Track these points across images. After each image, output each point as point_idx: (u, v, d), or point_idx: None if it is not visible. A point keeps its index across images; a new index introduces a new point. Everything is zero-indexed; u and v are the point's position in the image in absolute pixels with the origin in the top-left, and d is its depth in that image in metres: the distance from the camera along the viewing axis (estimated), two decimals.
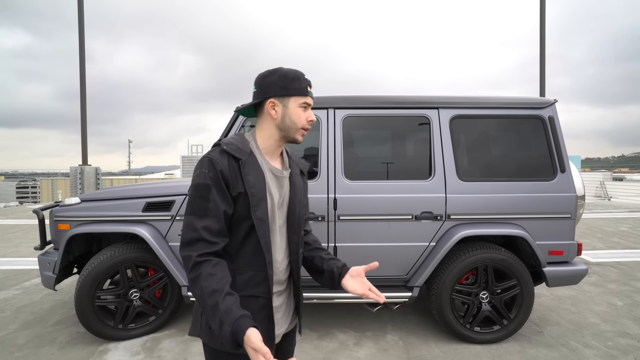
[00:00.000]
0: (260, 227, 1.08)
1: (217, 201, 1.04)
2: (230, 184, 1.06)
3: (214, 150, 1.10)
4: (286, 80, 1.10)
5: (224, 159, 1.06)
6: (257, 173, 1.09)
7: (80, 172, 9.85)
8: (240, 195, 1.07)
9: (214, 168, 1.04)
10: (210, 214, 1.03)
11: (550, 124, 2.78)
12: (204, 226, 1.02)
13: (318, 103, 2.78)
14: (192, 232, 1.02)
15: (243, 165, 1.07)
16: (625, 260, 5.00)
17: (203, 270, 0.99)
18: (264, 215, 1.08)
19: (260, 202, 1.08)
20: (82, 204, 2.90)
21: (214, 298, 0.96)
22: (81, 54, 9.36)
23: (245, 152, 1.09)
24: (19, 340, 2.81)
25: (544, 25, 8.87)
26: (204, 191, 1.03)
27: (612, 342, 2.77)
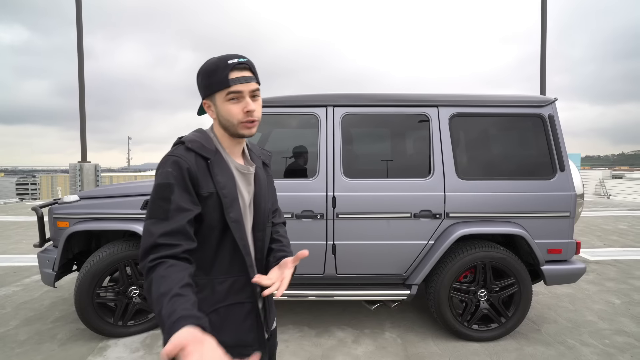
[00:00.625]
0: (237, 230, 1.00)
1: (179, 202, 0.93)
2: (199, 183, 0.97)
3: (177, 148, 1.00)
4: (205, 76, 0.99)
5: (191, 157, 0.97)
6: (226, 172, 1.02)
7: (80, 169, 9.85)
8: (211, 197, 0.98)
9: (179, 167, 0.95)
10: (171, 216, 0.91)
11: (550, 123, 2.78)
12: (164, 231, 0.90)
13: (317, 101, 2.78)
14: (150, 239, 0.89)
15: (212, 165, 0.99)
16: (624, 258, 5.01)
17: (154, 275, 0.85)
18: (238, 216, 1.01)
19: (233, 202, 1.01)
20: (80, 202, 2.90)
21: (159, 304, 0.80)
22: (79, 51, 9.32)
23: (211, 150, 1.01)
24: (20, 337, 2.83)
25: (545, 23, 8.83)
26: (165, 191, 0.93)
27: (609, 340, 2.79)
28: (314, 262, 2.73)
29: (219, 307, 1.00)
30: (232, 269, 1.02)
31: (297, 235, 2.66)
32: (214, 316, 0.99)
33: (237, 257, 1.02)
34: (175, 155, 0.97)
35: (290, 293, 2.71)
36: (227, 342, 0.97)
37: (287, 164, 2.88)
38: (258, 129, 2.98)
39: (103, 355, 2.57)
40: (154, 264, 0.87)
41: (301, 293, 2.73)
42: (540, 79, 9.00)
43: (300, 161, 2.89)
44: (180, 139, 1.03)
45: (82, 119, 9.61)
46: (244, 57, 1.00)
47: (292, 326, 3.02)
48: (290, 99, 2.79)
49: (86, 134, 9.92)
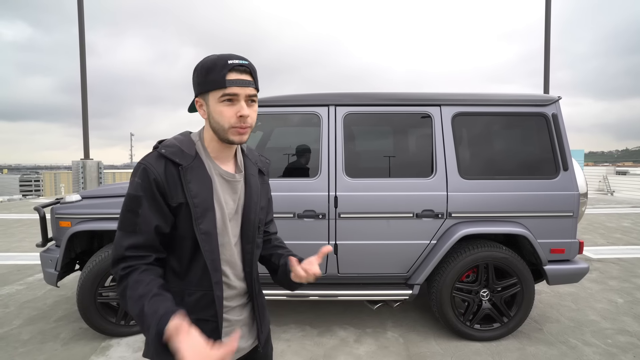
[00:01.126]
0: (206, 243, 0.95)
1: (148, 216, 0.91)
2: (167, 193, 0.92)
3: (149, 155, 0.96)
4: (202, 73, 0.93)
5: (160, 165, 0.93)
6: (202, 179, 0.96)
7: (83, 166, 9.88)
8: (182, 206, 0.94)
9: (147, 177, 0.91)
10: (139, 230, 0.91)
11: (554, 122, 2.75)
12: (131, 244, 0.90)
13: (319, 100, 2.76)
14: (119, 250, 0.91)
15: (184, 172, 0.93)
16: (627, 256, 4.99)
17: (129, 280, 0.88)
18: (210, 228, 0.95)
19: (206, 213, 0.95)
20: (83, 201, 2.90)
21: (139, 305, 0.84)
22: (82, 48, 9.31)
23: (188, 155, 0.95)
24: (23, 336, 2.84)
25: (549, 20, 8.74)
26: (133, 203, 0.91)
27: (611, 339, 2.78)
28: None
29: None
30: (203, 283, 0.97)
31: (298, 235, 2.66)
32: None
33: (209, 271, 0.97)
34: (144, 163, 0.93)
35: (292, 293, 2.71)
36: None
37: (288, 164, 2.87)
38: (260, 128, 2.98)
39: (106, 355, 2.58)
40: (126, 271, 0.89)
41: (303, 293, 2.73)
42: (544, 77, 8.93)
43: (302, 161, 2.88)
44: (158, 143, 0.99)
45: (85, 117, 9.63)
46: (246, 59, 0.94)
47: (294, 325, 3.03)
48: (292, 98, 2.77)
49: (89, 132, 9.94)
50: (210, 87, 0.92)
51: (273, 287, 2.68)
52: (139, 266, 0.90)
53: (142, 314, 0.83)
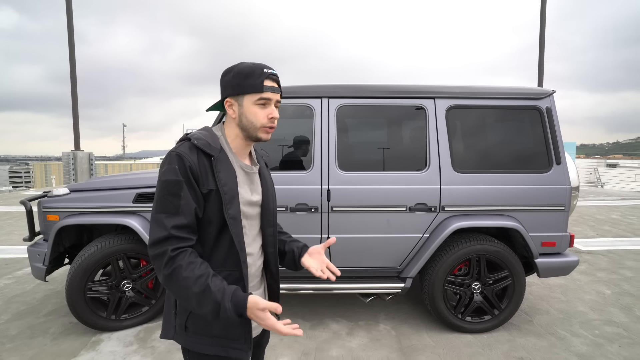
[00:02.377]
0: (234, 226, 1.05)
1: (189, 198, 1.00)
2: (200, 180, 1.02)
3: (182, 145, 1.05)
4: (240, 77, 1.05)
5: (194, 155, 1.02)
6: (229, 170, 1.06)
7: (73, 158, 9.72)
8: (212, 193, 1.03)
9: (182, 164, 1.00)
10: (182, 211, 0.98)
11: (548, 115, 2.75)
12: (176, 224, 0.97)
13: (311, 92, 2.72)
14: (163, 231, 0.97)
15: (215, 162, 1.04)
16: (615, 248, 5.07)
17: (182, 262, 0.95)
18: (236, 213, 1.06)
19: (233, 200, 1.05)
20: (71, 195, 2.85)
21: (200, 283, 0.94)
22: (70, 35, 9.07)
23: (216, 148, 1.06)
24: (11, 331, 2.80)
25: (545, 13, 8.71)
26: (175, 188, 0.99)
27: (598, 330, 2.83)
28: None
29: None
30: (227, 263, 1.07)
31: (291, 229, 2.64)
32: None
33: (233, 252, 1.06)
34: (178, 152, 1.01)
35: (285, 286, 2.70)
36: (215, 332, 1.07)
37: (281, 157, 2.83)
38: None
39: (96, 350, 2.56)
40: (176, 252, 0.96)
41: (296, 286, 2.72)
42: (538, 69, 8.93)
43: (295, 153, 2.84)
44: (187, 135, 1.08)
45: (75, 107, 9.44)
46: (275, 71, 1.09)
47: (287, 318, 3.03)
48: (285, 90, 2.72)
49: (79, 122, 9.75)
50: (248, 90, 1.05)
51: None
52: (187, 249, 0.98)
53: (208, 291, 0.93)
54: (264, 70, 1.05)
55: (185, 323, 1.06)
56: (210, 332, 1.06)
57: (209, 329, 1.06)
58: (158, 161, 23.27)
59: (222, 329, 1.06)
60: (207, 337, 1.06)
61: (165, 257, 0.95)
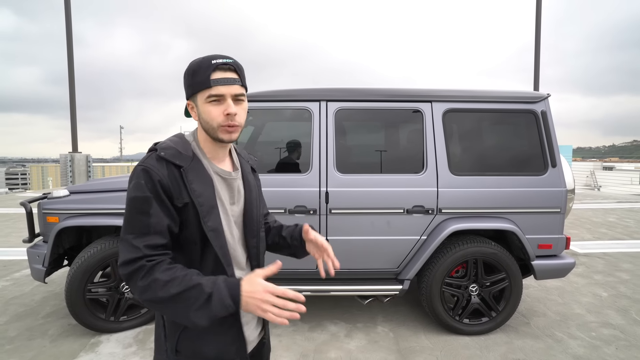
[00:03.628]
0: (215, 239, 0.96)
1: (159, 216, 0.90)
2: (172, 195, 0.93)
3: (149, 157, 0.95)
4: (189, 76, 0.96)
5: (162, 167, 0.93)
6: (204, 179, 0.97)
7: (71, 160, 9.71)
8: (187, 207, 0.94)
9: (150, 178, 0.91)
10: (153, 230, 0.89)
11: (543, 119, 2.78)
12: (148, 244, 0.88)
13: (310, 95, 2.74)
14: (134, 252, 0.87)
15: (185, 173, 0.94)
16: (612, 251, 5.10)
17: (158, 270, 0.86)
18: (217, 224, 0.97)
19: (212, 210, 0.96)
20: (70, 197, 2.86)
21: (186, 282, 0.85)
22: (68, 37, 9.09)
23: (186, 156, 0.96)
24: (10, 333, 2.80)
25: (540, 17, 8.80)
26: (143, 205, 0.89)
27: (595, 332, 2.85)
28: (307, 257, 2.73)
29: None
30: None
31: None
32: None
33: (220, 269, 0.98)
34: (145, 165, 0.92)
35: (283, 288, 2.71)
36: (208, 353, 0.98)
37: (279, 159, 2.86)
38: (251, 123, 2.96)
39: (95, 351, 2.56)
40: (152, 263, 0.87)
41: (294, 288, 2.73)
42: (534, 73, 9.01)
43: (293, 156, 2.87)
44: (154, 146, 0.98)
45: (73, 109, 9.44)
46: (231, 57, 0.96)
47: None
48: (284, 93, 2.75)
49: (77, 125, 9.75)
50: (197, 88, 0.94)
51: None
52: (164, 259, 0.89)
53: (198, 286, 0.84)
54: (211, 62, 0.93)
55: (176, 346, 0.97)
56: (204, 354, 0.98)
57: (202, 350, 0.97)
58: None
59: (216, 348, 0.99)
60: (201, 359, 0.98)
61: (143, 270, 0.86)
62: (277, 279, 2.81)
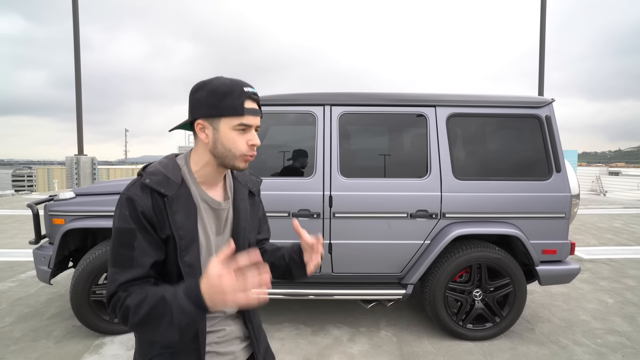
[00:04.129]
0: (190, 275, 0.90)
1: (143, 248, 0.86)
2: (156, 226, 0.88)
3: (134, 184, 0.89)
4: (215, 96, 0.88)
5: (147, 197, 0.87)
6: (188, 208, 0.91)
7: (76, 162, 9.80)
8: (170, 239, 0.89)
9: (134, 209, 0.86)
10: (137, 264, 0.85)
11: (547, 124, 2.78)
12: (129, 279, 0.84)
13: (314, 99, 2.76)
14: (115, 286, 0.84)
15: (170, 203, 0.88)
16: (618, 257, 5.05)
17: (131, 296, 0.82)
18: (193, 260, 0.91)
19: (191, 245, 0.90)
20: (76, 199, 2.89)
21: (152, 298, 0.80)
22: (76, 42, 9.21)
23: (174, 183, 0.90)
24: (15, 334, 2.83)
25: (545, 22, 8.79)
26: (126, 237, 0.85)
27: (601, 339, 2.82)
28: None
29: (164, 352, 0.93)
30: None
31: (293, 235, 2.65)
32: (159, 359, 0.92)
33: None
34: (129, 195, 0.87)
35: (286, 292, 2.71)
36: None
37: (283, 163, 2.87)
38: None
39: (99, 353, 2.57)
40: (127, 292, 0.83)
41: (298, 292, 2.74)
42: (538, 78, 8.99)
43: (297, 160, 2.88)
44: (141, 171, 0.92)
45: (79, 112, 9.54)
46: (255, 88, 0.93)
47: (288, 324, 3.04)
48: (288, 97, 2.77)
49: (82, 128, 9.85)
50: (227, 113, 0.89)
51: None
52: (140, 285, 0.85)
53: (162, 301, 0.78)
54: (244, 89, 0.89)
55: None
56: None
57: None
58: None
59: None
60: None
61: (120, 301, 0.82)
62: (280, 283, 2.81)
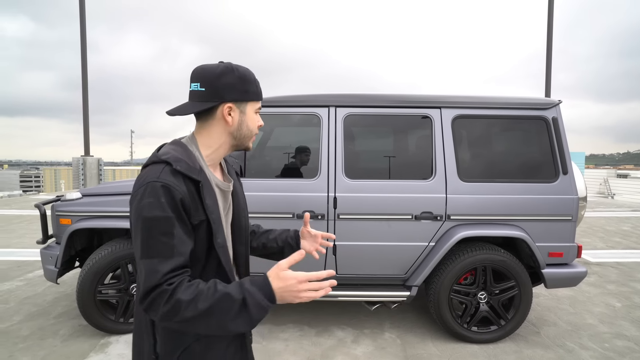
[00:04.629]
0: (223, 255, 0.94)
1: (183, 236, 0.86)
2: (191, 212, 0.88)
3: (163, 171, 0.87)
4: (245, 82, 0.95)
5: (181, 184, 0.87)
6: (211, 193, 0.94)
7: (83, 163, 9.90)
8: (202, 224, 0.91)
9: (172, 197, 0.84)
10: (177, 252, 0.84)
11: (554, 125, 2.76)
12: (172, 269, 0.82)
13: (319, 101, 2.77)
14: (156, 278, 0.81)
15: (202, 188, 0.91)
16: (626, 260, 4.99)
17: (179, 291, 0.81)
18: (224, 240, 0.95)
19: (220, 227, 0.94)
20: (83, 199, 2.92)
21: (212, 294, 0.80)
22: (83, 44, 9.32)
23: (195, 169, 0.91)
24: (23, 332, 2.86)
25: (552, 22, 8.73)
26: (165, 226, 0.83)
27: (608, 343, 2.79)
28: (315, 262, 2.74)
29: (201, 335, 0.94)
30: None
31: None
32: (197, 345, 0.93)
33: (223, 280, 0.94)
34: (163, 182, 0.85)
35: None
36: None
37: (288, 164, 2.88)
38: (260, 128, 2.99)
39: (105, 352, 2.60)
40: (172, 286, 0.81)
41: None
42: (545, 79, 8.92)
43: (302, 161, 2.89)
44: (161, 157, 0.89)
45: (85, 113, 9.64)
46: None
47: (292, 325, 3.04)
48: (293, 98, 2.78)
49: (89, 129, 9.95)
50: (253, 97, 0.98)
51: None
52: (184, 278, 0.84)
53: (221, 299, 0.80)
54: (255, 78, 0.99)
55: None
56: None
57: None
58: None
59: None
60: None
61: (165, 294, 0.80)
62: None
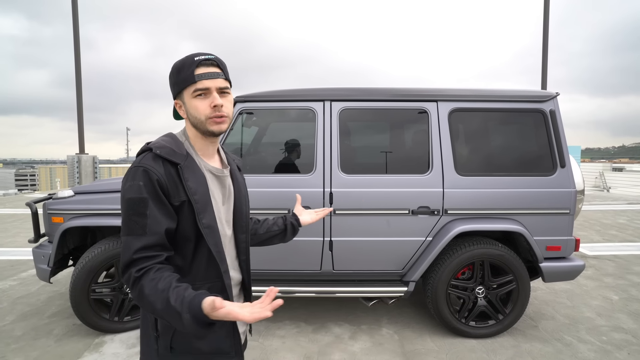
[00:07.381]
0: (210, 236, 0.98)
1: (156, 216, 0.92)
2: (170, 193, 0.95)
3: (144, 156, 0.96)
4: (174, 75, 1.00)
5: (159, 166, 0.94)
6: (198, 176, 1.00)
7: (78, 161, 9.81)
8: (184, 205, 0.97)
9: (149, 178, 0.92)
10: (149, 231, 0.90)
11: (552, 118, 2.73)
12: (142, 246, 0.89)
13: (314, 95, 2.72)
14: (129, 253, 0.89)
15: (182, 170, 0.96)
16: (623, 253, 5.01)
17: (144, 282, 0.87)
18: (211, 221, 0.99)
19: (206, 207, 0.99)
20: (75, 197, 2.87)
21: (163, 299, 0.83)
22: (76, 41, 9.19)
23: (181, 155, 0.99)
24: (16, 332, 2.82)
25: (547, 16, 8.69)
26: (139, 206, 0.91)
27: (606, 336, 2.78)
28: (311, 258, 2.71)
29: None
30: (209, 275, 1.02)
31: None
32: None
33: (213, 263, 1.01)
34: (143, 165, 0.94)
35: (287, 289, 2.69)
36: (203, 349, 1.01)
37: (283, 159, 2.84)
38: (255, 123, 2.95)
39: (99, 351, 2.56)
40: (140, 273, 0.88)
41: (298, 289, 2.71)
42: (541, 73, 8.90)
43: (297, 156, 2.85)
44: (148, 145, 1.00)
45: (80, 111, 9.53)
46: (212, 54, 1.01)
47: (289, 322, 3.02)
48: (288, 93, 2.73)
49: (84, 127, 9.85)
50: (183, 85, 0.98)
51: (268, 284, 2.67)
52: (153, 266, 0.90)
53: (168, 306, 0.82)
54: (194, 59, 0.98)
55: (171, 343, 0.99)
56: (199, 349, 1.00)
57: (197, 345, 1.00)
58: None
59: (211, 342, 1.01)
60: (196, 354, 1.00)
61: (131, 279, 0.88)
62: (281, 280, 2.79)
